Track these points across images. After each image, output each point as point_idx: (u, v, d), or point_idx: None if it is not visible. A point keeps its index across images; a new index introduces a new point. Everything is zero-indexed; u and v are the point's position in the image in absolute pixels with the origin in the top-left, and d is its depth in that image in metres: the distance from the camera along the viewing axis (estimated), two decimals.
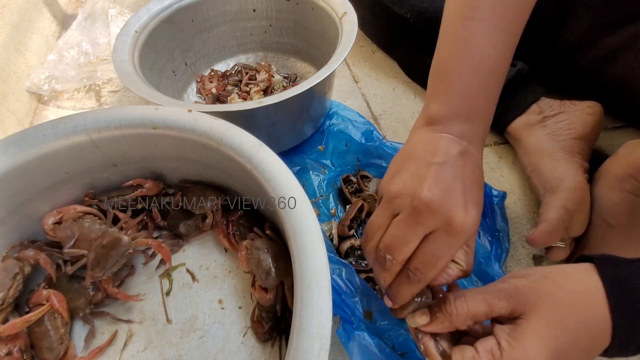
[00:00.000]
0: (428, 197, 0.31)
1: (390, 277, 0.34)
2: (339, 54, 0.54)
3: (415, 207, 0.31)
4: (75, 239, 0.46)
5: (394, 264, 0.33)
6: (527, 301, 0.29)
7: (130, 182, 0.51)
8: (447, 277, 0.34)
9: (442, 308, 0.32)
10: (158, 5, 0.64)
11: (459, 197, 0.32)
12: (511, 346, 0.28)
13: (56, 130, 0.43)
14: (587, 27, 0.60)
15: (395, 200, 0.33)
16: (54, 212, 0.48)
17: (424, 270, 0.32)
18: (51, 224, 0.47)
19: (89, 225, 0.47)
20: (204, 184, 0.54)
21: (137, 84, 0.52)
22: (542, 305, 0.28)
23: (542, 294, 0.29)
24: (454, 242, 0.32)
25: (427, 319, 0.32)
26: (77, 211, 0.48)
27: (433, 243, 0.32)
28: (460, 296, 0.32)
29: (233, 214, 0.52)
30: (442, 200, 0.31)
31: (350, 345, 0.41)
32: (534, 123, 0.61)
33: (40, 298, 0.44)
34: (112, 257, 0.45)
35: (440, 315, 0.32)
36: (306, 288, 0.32)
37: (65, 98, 0.78)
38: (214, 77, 0.74)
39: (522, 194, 0.62)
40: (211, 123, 0.43)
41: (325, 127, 0.68)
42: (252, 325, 0.45)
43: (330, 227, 0.54)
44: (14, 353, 0.41)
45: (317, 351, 0.29)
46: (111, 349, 0.45)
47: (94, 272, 0.45)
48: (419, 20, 0.69)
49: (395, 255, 0.33)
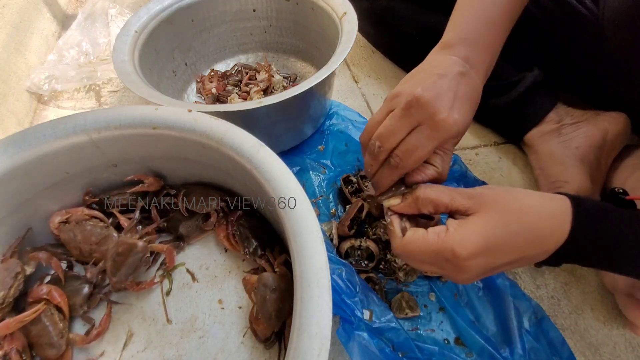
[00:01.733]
0: (420, 94, 0.35)
1: (377, 165, 0.39)
2: (339, 54, 0.54)
3: (407, 102, 0.36)
4: (77, 242, 0.46)
5: (381, 151, 0.38)
6: (483, 203, 0.33)
7: (131, 177, 0.51)
8: (423, 175, 0.38)
9: (412, 192, 0.37)
10: (158, 5, 0.64)
11: (447, 100, 0.36)
12: (455, 231, 0.32)
13: (56, 130, 0.43)
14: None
15: (395, 99, 0.38)
16: (62, 212, 0.48)
17: (404, 157, 0.36)
18: (57, 222, 0.48)
19: (91, 228, 0.48)
20: (204, 185, 0.54)
21: (137, 84, 0.52)
22: (493, 208, 0.32)
23: (497, 198, 0.33)
24: (433, 136, 0.36)
25: (399, 201, 0.38)
26: (84, 214, 0.49)
27: (415, 134, 0.36)
28: (429, 185, 0.37)
29: (233, 214, 0.52)
30: (431, 99, 0.35)
31: (350, 345, 0.41)
32: (549, 131, 0.61)
33: (40, 293, 0.44)
34: (130, 264, 0.46)
35: (409, 197, 0.37)
36: (306, 288, 0.32)
37: (65, 98, 0.78)
38: (214, 77, 0.74)
39: None
40: (211, 123, 0.43)
41: (325, 127, 0.68)
42: (251, 326, 0.45)
43: (330, 227, 0.54)
44: (12, 355, 0.41)
45: (317, 351, 0.29)
46: (111, 348, 0.45)
47: (115, 279, 0.45)
48: (426, 36, 0.67)
49: (383, 143, 0.37)
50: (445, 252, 0.32)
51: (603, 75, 0.61)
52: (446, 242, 0.32)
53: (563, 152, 0.57)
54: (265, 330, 0.43)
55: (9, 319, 0.42)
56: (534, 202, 0.33)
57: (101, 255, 0.47)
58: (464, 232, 0.32)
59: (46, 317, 0.43)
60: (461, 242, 0.31)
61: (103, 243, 0.47)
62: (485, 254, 0.32)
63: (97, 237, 0.47)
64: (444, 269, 0.34)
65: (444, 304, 0.49)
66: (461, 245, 0.31)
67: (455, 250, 0.31)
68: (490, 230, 0.32)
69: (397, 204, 0.38)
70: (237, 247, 0.50)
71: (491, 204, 0.33)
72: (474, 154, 0.68)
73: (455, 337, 0.48)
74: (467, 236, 0.32)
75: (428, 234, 0.33)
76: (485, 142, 0.70)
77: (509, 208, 0.32)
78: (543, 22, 0.61)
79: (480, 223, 0.32)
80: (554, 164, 0.57)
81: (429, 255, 0.33)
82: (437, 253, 0.32)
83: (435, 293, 0.50)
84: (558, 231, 0.32)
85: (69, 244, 0.47)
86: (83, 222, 0.48)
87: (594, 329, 0.49)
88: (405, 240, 0.35)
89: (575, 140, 0.58)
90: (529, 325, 0.47)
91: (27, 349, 0.42)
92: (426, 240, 0.33)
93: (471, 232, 0.32)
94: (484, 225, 0.32)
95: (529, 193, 0.34)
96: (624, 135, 0.58)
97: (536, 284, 0.53)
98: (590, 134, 0.57)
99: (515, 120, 0.64)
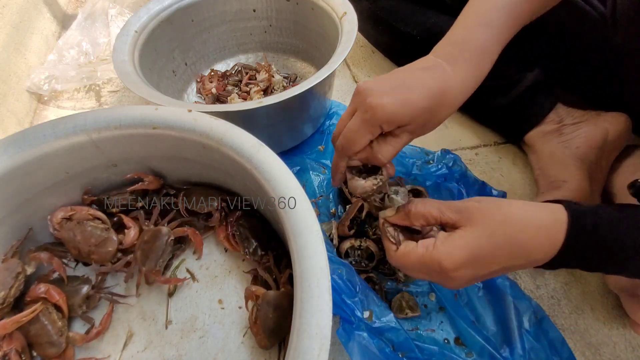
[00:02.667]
0: (364, 85, 0.38)
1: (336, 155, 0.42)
2: (339, 54, 0.54)
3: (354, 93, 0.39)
4: (76, 242, 0.46)
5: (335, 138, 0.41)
6: (470, 217, 0.34)
7: (131, 175, 0.50)
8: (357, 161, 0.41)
9: (406, 206, 0.39)
10: (158, 5, 0.64)
11: (384, 87, 0.37)
12: (442, 244, 0.34)
13: (56, 130, 0.43)
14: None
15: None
16: (67, 208, 0.48)
17: (344, 141, 0.39)
18: (60, 218, 0.47)
19: (92, 230, 0.47)
20: (204, 185, 0.54)
21: (137, 84, 0.52)
22: (479, 220, 0.34)
23: (483, 212, 0.34)
24: (364, 118, 0.37)
25: (393, 212, 0.40)
26: (88, 214, 0.49)
27: (353, 119, 0.38)
28: (421, 200, 0.39)
29: (232, 214, 0.52)
30: (367, 87, 0.38)
31: (350, 346, 0.41)
32: (549, 132, 0.61)
33: (38, 292, 0.44)
34: (157, 248, 0.47)
35: (402, 211, 0.39)
36: (306, 288, 0.32)
37: (65, 98, 0.78)
38: (214, 77, 0.74)
39: (522, 194, 0.62)
40: (211, 123, 0.43)
41: (325, 127, 0.68)
42: (251, 328, 0.45)
43: (330, 227, 0.54)
44: (12, 355, 0.41)
45: (317, 351, 0.29)
46: (111, 348, 0.45)
47: (145, 267, 0.46)
48: (426, 36, 0.67)
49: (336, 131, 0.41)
50: (432, 264, 0.34)
51: (606, 73, 0.61)
52: (434, 255, 0.34)
53: (563, 152, 0.57)
54: (263, 342, 0.43)
55: (6, 320, 0.42)
56: (519, 213, 0.34)
57: (99, 257, 0.47)
58: (449, 246, 0.34)
59: (44, 316, 0.43)
60: (447, 255, 0.33)
61: (102, 245, 0.47)
62: (471, 266, 0.33)
63: (97, 239, 0.47)
64: (434, 278, 0.36)
65: (444, 304, 0.49)
66: (447, 259, 0.33)
67: (441, 263, 0.33)
68: (474, 242, 0.33)
69: (392, 215, 0.40)
70: (237, 247, 0.50)
71: (478, 217, 0.34)
72: (474, 154, 0.68)
73: (455, 337, 0.48)
74: (452, 250, 0.33)
75: (418, 247, 0.35)
76: (485, 142, 0.70)
77: (494, 220, 0.34)
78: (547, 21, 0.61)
79: (466, 236, 0.34)
80: (553, 164, 0.57)
81: (419, 267, 0.36)
82: (426, 265, 0.35)
83: (435, 293, 0.50)
84: (547, 243, 0.33)
85: (68, 243, 0.47)
86: (84, 222, 0.48)
87: (594, 329, 0.49)
88: (399, 252, 0.37)
89: (575, 140, 0.58)
90: (529, 325, 0.47)
91: (27, 349, 0.43)
92: (416, 253, 0.35)
93: (457, 245, 0.33)
94: (469, 238, 0.33)
95: (518, 204, 0.35)
96: (625, 135, 0.58)
97: (536, 284, 0.53)
98: (590, 135, 0.57)
99: (516, 120, 0.64)
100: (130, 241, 0.49)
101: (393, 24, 0.71)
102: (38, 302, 0.43)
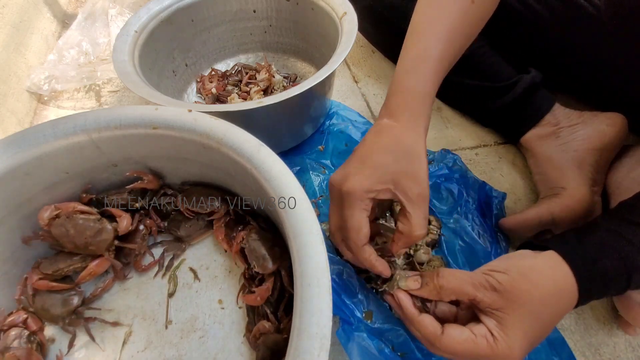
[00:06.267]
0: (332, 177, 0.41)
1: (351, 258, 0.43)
2: (339, 54, 0.54)
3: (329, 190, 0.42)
4: (70, 236, 0.46)
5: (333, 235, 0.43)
6: (509, 298, 0.34)
7: (130, 173, 0.50)
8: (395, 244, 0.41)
9: (435, 279, 0.37)
10: (158, 5, 0.64)
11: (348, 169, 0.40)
12: (501, 336, 0.33)
13: (56, 130, 0.43)
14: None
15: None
16: (51, 206, 0.47)
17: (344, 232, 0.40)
18: (47, 218, 0.47)
19: (84, 222, 0.47)
20: (204, 185, 0.54)
21: (137, 84, 0.52)
22: (521, 303, 0.34)
23: (521, 292, 0.34)
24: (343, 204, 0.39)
25: (418, 285, 0.38)
26: (75, 209, 0.48)
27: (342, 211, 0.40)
28: (453, 274, 0.37)
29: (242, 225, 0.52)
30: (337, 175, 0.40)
31: (349, 346, 0.42)
32: (547, 134, 0.60)
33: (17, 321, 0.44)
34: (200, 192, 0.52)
35: (430, 285, 0.37)
36: (306, 288, 0.32)
37: (65, 98, 0.78)
38: (214, 77, 0.74)
39: (522, 194, 0.62)
40: (211, 123, 0.43)
41: (325, 127, 0.68)
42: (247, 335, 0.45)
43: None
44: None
45: (317, 351, 0.29)
46: (111, 348, 0.45)
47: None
48: None
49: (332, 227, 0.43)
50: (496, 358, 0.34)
51: (604, 72, 0.61)
52: (498, 350, 0.33)
53: (561, 157, 0.57)
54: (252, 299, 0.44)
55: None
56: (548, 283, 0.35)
57: (97, 247, 0.47)
58: (508, 338, 0.33)
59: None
60: (511, 348, 0.33)
61: (98, 235, 0.47)
62: (529, 346, 0.34)
63: (92, 230, 0.47)
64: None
65: None
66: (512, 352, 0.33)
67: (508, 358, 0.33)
68: (528, 329, 0.34)
69: (417, 287, 0.38)
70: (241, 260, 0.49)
71: (516, 299, 0.34)
72: (474, 154, 0.68)
73: None
74: (514, 342, 0.33)
75: (477, 338, 0.34)
76: (485, 142, 0.70)
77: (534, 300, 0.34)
78: (546, 19, 0.61)
79: (516, 324, 0.34)
80: (552, 170, 0.57)
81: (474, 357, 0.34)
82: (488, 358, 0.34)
83: None
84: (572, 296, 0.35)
85: (62, 239, 0.46)
86: (73, 215, 0.47)
87: (594, 329, 0.49)
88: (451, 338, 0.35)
89: (573, 144, 0.57)
90: None
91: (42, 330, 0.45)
92: (476, 344, 0.34)
93: (513, 335, 0.33)
94: (520, 324, 0.34)
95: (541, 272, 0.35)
96: (622, 135, 0.58)
97: None
98: (587, 137, 0.57)
99: (513, 121, 0.64)
100: (124, 227, 0.49)
101: (394, 22, 0.71)
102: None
